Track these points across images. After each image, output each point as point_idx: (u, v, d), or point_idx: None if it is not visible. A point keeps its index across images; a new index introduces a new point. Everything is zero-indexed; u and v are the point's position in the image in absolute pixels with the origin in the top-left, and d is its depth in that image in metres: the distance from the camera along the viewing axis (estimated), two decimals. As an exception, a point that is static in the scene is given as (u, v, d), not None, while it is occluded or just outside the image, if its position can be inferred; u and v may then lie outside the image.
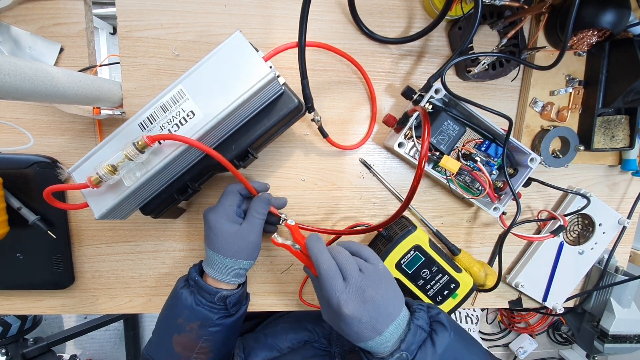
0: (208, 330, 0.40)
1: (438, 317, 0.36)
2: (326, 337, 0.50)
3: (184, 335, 0.39)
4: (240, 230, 0.39)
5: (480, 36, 0.49)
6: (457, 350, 0.34)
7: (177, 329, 0.40)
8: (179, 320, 0.40)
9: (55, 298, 0.51)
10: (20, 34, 0.45)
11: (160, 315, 0.43)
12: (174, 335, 0.40)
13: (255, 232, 0.40)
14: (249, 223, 0.40)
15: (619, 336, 0.56)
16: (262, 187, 0.43)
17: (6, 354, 1.02)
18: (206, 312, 0.39)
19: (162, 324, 0.42)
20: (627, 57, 0.44)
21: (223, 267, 0.40)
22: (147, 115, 0.35)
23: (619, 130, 0.50)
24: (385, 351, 0.34)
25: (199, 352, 0.40)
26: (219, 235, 0.39)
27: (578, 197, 0.53)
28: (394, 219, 0.39)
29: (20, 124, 0.46)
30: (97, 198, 0.36)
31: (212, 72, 0.35)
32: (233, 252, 0.39)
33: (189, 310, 0.39)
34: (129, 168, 0.34)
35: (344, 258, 0.36)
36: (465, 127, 0.47)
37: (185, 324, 0.39)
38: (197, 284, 0.40)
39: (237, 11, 0.46)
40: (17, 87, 0.28)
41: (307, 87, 0.39)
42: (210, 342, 0.40)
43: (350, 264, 0.36)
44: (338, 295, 0.34)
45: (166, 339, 0.40)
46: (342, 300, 0.33)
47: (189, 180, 0.40)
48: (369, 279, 0.35)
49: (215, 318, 0.39)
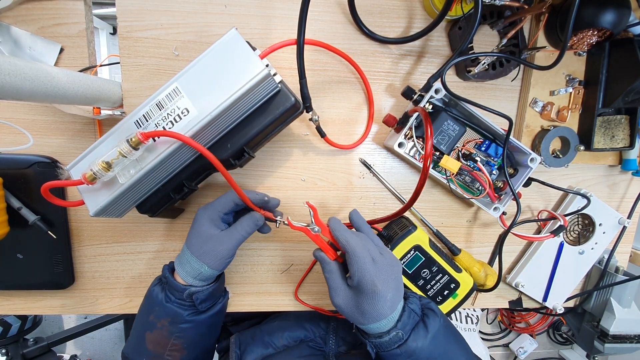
0: (179, 327, 0.40)
1: (429, 305, 0.40)
2: (322, 337, 0.50)
3: (155, 332, 0.40)
4: (217, 236, 0.39)
5: (480, 36, 0.49)
6: (446, 336, 0.38)
7: (149, 326, 0.40)
8: (150, 317, 0.40)
9: (56, 298, 0.51)
10: (20, 34, 0.45)
11: (137, 314, 0.43)
12: (146, 333, 0.40)
13: (230, 244, 0.39)
14: (229, 233, 0.40)
15: (619, 336, 0.56)
16: (260, 201, 0.42)
17: (6, 354, 1.02)
18: (175, 309, 0.39)
19: (136, 322, 0.42)
20: (627, 57, 0.44)
21: (187, 264, 0.39)
22: (143, 113, 0.35)
23: (619, 130, 0.50)
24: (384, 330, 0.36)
25: (171, 349, 0.40)
26: (196, 232, 0.40)
27: (578, 197, 0.53)
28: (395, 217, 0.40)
29: (21, 124, 0.46)
30: (93, 195, 0.36)
31: (207, 69, 0.35)
32: (200, 252, 0.39)
33: (159, 306, 0.39)
34: (123, 165, 0.34)
35: (367, 240, 0.39)
36: (465, 127, 0.47)
37: (156, 321, 0.39)
38: (167, 280, 0.40)
39: (237, 11, 0.46)
40: (17, 87, 0.28)
41: (305, 87, 0.39)
42: (182, 339, 0.40)
43: (373, 245, 0.39)
44: (372, 273, 0.36)
45: (140, 337, 0.41)
46: (375, 278, 0.36)
47: (184, 179, 0.39)
48: (389, 261, 0.38)
49: (185, 314, 0.39)
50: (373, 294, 0.36)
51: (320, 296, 0.53)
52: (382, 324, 0.36)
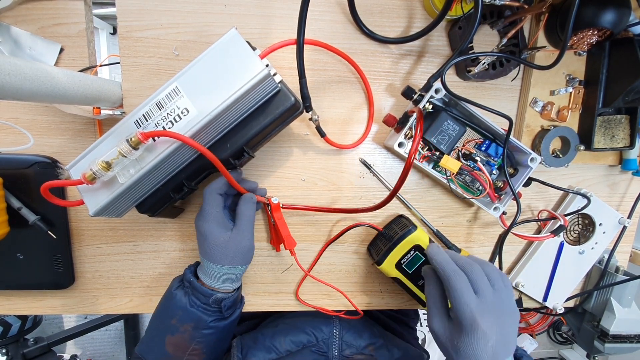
0: (202, 332, 0.39)
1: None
2: (325, 342, 0.50)
3: (177, 336, 0.39)
4: (233, 237, 0.39)
5: (480, 36, 0.49)
6: None
7: (171, 329, 0.40)
8: (172, 320, 0.39)
9: (56, 298, 0.51)
10: (20, 34, 0.45)
11: (154, 315, 0.43)
12: (167, 336, 0.40)
13: (248, 237, 0.40)
14: (240, 228, 0.40)
15: (620, 336, 0.55)
16: (249, 185, 0.43)
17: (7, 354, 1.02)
18: (200, 314, 0.39)
19: (155, 323, 0.42)
20: (627, 56, 0.44)
21: (220, 275, 0.40)
22: (143, 113, 0.35)
23: (619, 129, 0.50)
24: None
25: (191, 353, 0.40)
26: (213, 245, 0.39)
27: (578, 197, 0.53)
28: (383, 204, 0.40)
29: (21, 124, 0.46)
30: (92, 195, 0.36)
31: (206, 69, 0.35)
32: (229, 259, 0.39)
33: (182, 311, 0.39)
34: (123, 165, 0.34)
35: (476, 271, 0.35)
36: (465, 127, 0.47)
37: (179, 325, 0.39)
38: (192, 285, 0.40)
39: (236, 11, 0.46)
40: (18, 87, 0.28)
41: (305, 86, 0.39)
42: (203, 344, 0.40)
43: (483, 277, 0.34)
44: (472, 309, 0.32)
45: (159, 339, 0.40)
46: (477, 314, 0.32)
47: (184, 179, 0.39)
48: (503, 302, 0.34)
49: (209, 320, 0.39)
50: (471, 332, 0.32)
51: (321, 296, 0.53)
52: None
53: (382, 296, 0.54)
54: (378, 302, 0.54)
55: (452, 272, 0.34)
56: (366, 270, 0.53)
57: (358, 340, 0.51)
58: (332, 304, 0.53)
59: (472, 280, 0.34)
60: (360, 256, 0.53)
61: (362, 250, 0.53)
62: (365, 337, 0.52)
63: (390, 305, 0.55)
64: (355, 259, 0.53)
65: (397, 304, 0.55)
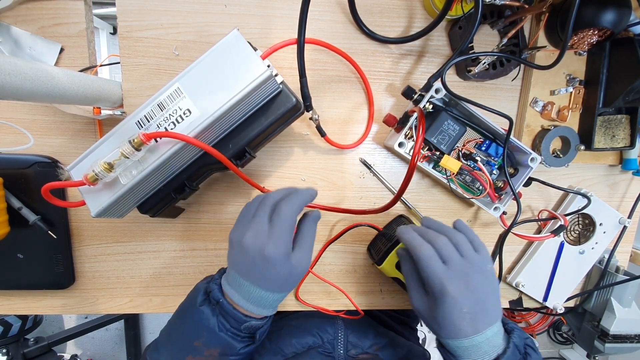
0: (229, 359, 0.35)
1: (530, 342, 0.35)
2: (330, 343, 0.50)
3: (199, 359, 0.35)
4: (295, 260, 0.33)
5: (480, 36, 0.49)
6: None
7: (194, 351, 0.34)
8: (196, 342, 0.34)
9: (56, 298, 0.51)
10: (20, 34, 0.45)
11: (174, 326, 0.38)
12: (187, 356, 0.35)
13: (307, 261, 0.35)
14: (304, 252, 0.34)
15: (620, 336, 0.55)
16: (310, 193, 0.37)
17: (7, 354, 1.02)
18: (230, 340, 0.34)
19: (175, 337, 0.37)
20: (627, 56, 0.44)
21: (261, 300, 0.34)
22: (144, 114, 0.35)
23: (620, 129, 0.50)
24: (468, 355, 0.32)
25: None
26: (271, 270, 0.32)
27: (579, 197, 0.53)
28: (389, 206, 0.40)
29: (21, 124, 0.46)
30: (94, 196, 0.36)
31: (208, 70, 0.35)
32: (280, 285, 0.33)
33: (209, 333, 0.34)
34: (125, 166, 0.34)
35: (442, 241, 0.35)
36: (465, 126, 0.46)
37: (203, 349, 0.34)
38: (222, 307, 0.34)
39: (237, 11, 0.46)
40: (18, 87, 0.28)
41: (305, 86, 0.39)
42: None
43: (448, 246, 0.34)
44: (440, 276, 0.32)
45: (178, 356, 0.36)
46: (444, 280, 0.32)
47: (186, 179, 0.39)
48: (474, 267, 0.33)
49: (239, 347, 0.34)
50: (441, 299, 0.32)
51: (322, 296, 0.53)
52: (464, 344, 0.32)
53: (382, 296, 0.54)
54: (378, 302, 0.54)
55: (418, 245, 0.34)
56: (366, 270, 0.53)
57: (363, 340, 0.51)
58: (332, 304, 0.53)
59: (438, 250, 0.34)
60: (360, 256, 0.53)
61: (362, 250, 0.53)
62: (370, 336, 0.52)
63: (390, 305, 0.55)
64: (355, 259, 0.53)
65: (397, 304, 0.55)
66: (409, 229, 0.38)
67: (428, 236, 0.36)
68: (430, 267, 0.33)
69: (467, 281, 0.32)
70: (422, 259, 0.33)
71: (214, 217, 0.50)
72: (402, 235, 0.37)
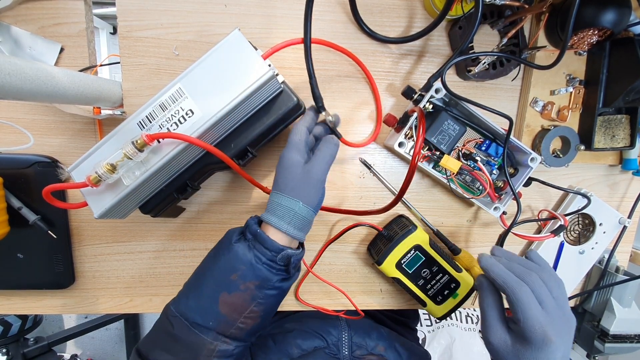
0: (265, 292, 0.34)
1: None
2: (335, 345, 0.50)
3: (235, 295, 0.34)
4: (307, 167, 0.35)
5: (480, 36, 0.49)
6: None
7: (229, 286, 0.34)
8: (232, 276, 0.34)
9: (56, 298, 0.51)
10: (20, 34, 0.45)
11: (204, 269, 0.37)
12: (221, 293, 0.34)
13: (320, 170, 0.35)
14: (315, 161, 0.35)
15: (620, 336, 0.55)
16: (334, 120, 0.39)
17: (7, 354, 1.02)
18: (266, 272, 0.34)
19: (204, 278, 0.36)
20: (627, 56, 0.44)
21: (287, 211, 0.34)
22: (146, 114, 0.35)
23: (620, 129, 0.50)
24: None
25: (248, 315, 0.34)
26: (287, 171, 0.35)
27: (578, 197, 0.53)
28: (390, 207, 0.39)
29: (21, 124, 0.46)
30: (96, 197, 0.35)
31: (210, 70, 0.35)
32: (291, 187, 0.34)
33: (247, 267, 0.33)
34: (128, 167, 0.34)
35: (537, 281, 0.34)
36: (465, 126, 0.46)
37: (239, 282, 0.33)
38: (259, 238, 0.34)
39: (237, 11, 0.46)
40: (18, 87, 0.28)
41: (316, 87, 0.37)
42: (263, 306, 0.35)
43: (543, 287, 0.34)
44: (542, 322, 0.31)
45: (209, 297, 0.34)
46: (547, 327, 0.31)
47: (188, 179, 0.40)
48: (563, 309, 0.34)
49: (274, 280, 0.34)
50: (543, 346, 0.31)
51: (321, 296, 0.53)
52: None
53: (382, 296, 0.54)
54: (378, 302, 0.54)
55: (515, 284, 0.33)
56: (366, 270, 0.53)
57: (367, 341, 0.51)
58: (332, 304, 0.53)
59: (534, 291, 0.33)
60: (360, 256, 0.53)
61: (362, 250, 0.53)
62: (373, 337, 0.52)
63: (390, 305, 0.55)
64: (355, 259, 0.53)
65: (397, 304, 0.55)
66: (495, 262, 0.36)
67: (519, 272, 0.35)
68: (531, 312, 0.32)
69: (562, 326, 0.33)
70: (523, 302, 0.32)
71: (214, 216, 0.50)
72: (491, 269, 0.35)
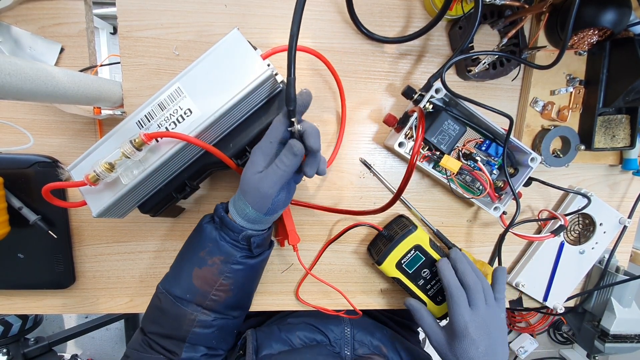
0: (231, 267, 0.39)
1: None
2: (337, 342, 0.50)
3: (205, 269, 0.38)
4: (262, 173, 0.35)
5: (480, 35, 0.49)
6: None
7: (199, 262, 0.39)
8: (201, 253, 0.39)
9: (56, 298, 0.51)
10: (20, 34, 0.45)
11: (180, 252, 0.42)
12: (194, 269, 0.39)
13: (271, 180, 0.35)
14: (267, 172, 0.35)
15: (620, 336, 0.56)
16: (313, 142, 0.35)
17: (7, 354, 1.02)
18: (229, 248, 0.38)
19: (182, 257, 0.41)
20: (627, 56, 0.44)
21: (236, 202, 0.38)
22: (145, 114, 0.35)
23: (620, 129, 0.50)
24: None
25: (218, 288, 0.39)
26: (244, 171, 0.36)
27: (579, 197, 0.53)
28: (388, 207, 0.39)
29: (21, 124, 0.46)
30: (95, 196, 0.36)
31: (209, 69, 0.35)
32: (244, 190, 0.36)
33: (213, 243, 0.38)
34: (126, 166, 0.34)
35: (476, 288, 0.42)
36: (465, 126, 0.46)
37: (207, 257, 0.38)
38: (223, 220, 0.38)
39: (237, 11, 0.46)
40: (18, 87, 0.28)
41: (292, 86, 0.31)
42: (231, 280, 0.39)
43: (479, 293, 0.42)
44: (465, 319, 0.41)
45: (185, 272, 0.39)
46: (470, 324, 0.40)
47: (187, 179, 0.40)
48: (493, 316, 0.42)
49: (238, 256, 0.39)
50: (463, 337, 0.40)
51: (321, 296, 0.53)
52: None
53: (382, 296, 0.54)
54: (378, 302, 0.54)
55: (454, 286, 0.43)
56: (366, 270, 0.53)
57: (370, 339, 0.51)
58: (331, 304, 0.53)
59: (469, 296, 0.42)
60: (360, 256, 0.53)
61: (362, 250, 0.53)
62: (377, 336, 0.52)
63: (390, 305, 0.55)
64: (355, 259, 0.53)
65: (397, 304, 0.55)
66: (449, 268, 0.45)
67: (465, 280, 0.43)
68: (459, 309, 0.41)
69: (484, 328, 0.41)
70: (455, 301, 0.42)
71: (214, 217, 0.50)
72: (442, 272, 0.44)
